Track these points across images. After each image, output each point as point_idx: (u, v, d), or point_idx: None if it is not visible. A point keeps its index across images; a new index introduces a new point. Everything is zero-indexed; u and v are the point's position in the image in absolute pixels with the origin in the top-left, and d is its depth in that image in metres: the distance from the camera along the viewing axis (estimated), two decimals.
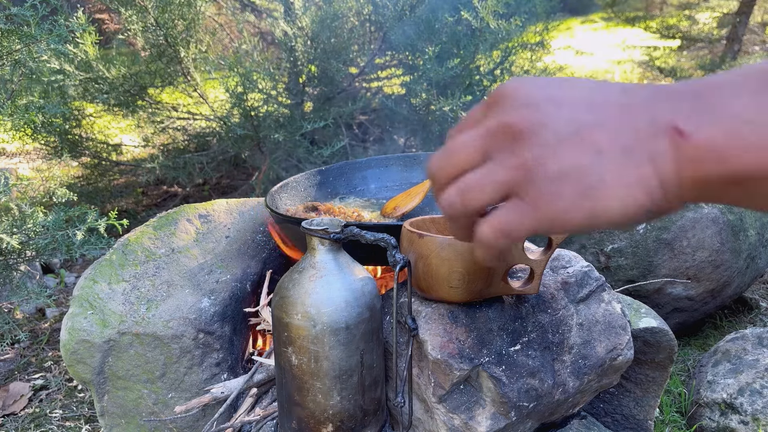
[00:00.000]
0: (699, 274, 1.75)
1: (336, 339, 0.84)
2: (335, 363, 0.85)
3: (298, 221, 1.13)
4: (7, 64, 1.65)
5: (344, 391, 0.87)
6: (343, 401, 0.87)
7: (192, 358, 1.20)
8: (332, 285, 0.85)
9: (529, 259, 0.92)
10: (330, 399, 0.87)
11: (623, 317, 1.06)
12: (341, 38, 2.51)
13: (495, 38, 2.58)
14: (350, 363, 0.86)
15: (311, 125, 2.42)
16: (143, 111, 2.69)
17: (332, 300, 0.84)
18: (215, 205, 1.46)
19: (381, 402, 0.95)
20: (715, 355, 1.60)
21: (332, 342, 0.84)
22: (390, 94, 3.15)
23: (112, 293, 1.23)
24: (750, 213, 1.84)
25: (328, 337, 0.84)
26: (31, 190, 1.96)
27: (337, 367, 0.85)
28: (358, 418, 0.90)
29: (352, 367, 0.86)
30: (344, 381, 0.86)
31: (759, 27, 7.68)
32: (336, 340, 0.84)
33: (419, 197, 1.33)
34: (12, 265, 1.80)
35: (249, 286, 1.31)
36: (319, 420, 0.88)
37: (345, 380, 0.86)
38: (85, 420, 1.67)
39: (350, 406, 0.88)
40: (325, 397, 0.87)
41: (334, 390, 0.86)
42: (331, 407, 0.87)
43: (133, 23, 2.23)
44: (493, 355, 0.93)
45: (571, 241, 1.77)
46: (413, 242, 0.90)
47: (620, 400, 1.25)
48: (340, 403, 0.87)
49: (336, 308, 0.84)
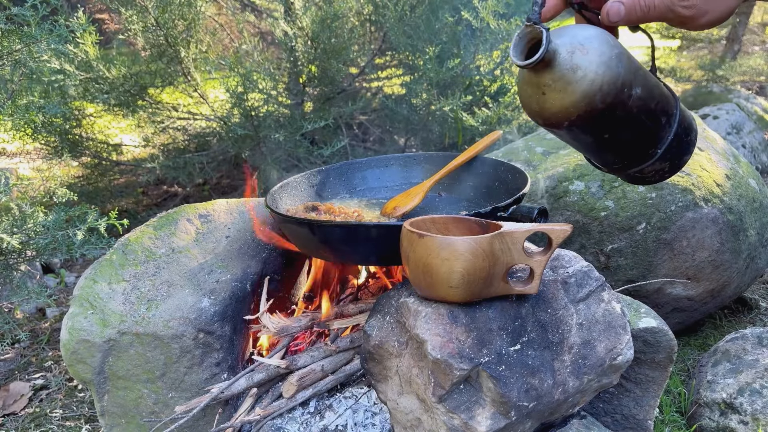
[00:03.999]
0: (699, 274, 1.75)
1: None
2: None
3: (298, 221, 1.13)
4: (8, 64, 1.65)
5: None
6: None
7: (192, 358, 1.20)
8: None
9: (528, 259, 0.92)
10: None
11: (623, 317, 1.07)
12: (341, 38, 2.51)
13: (495, 38, 2.58)
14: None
15: (311, 125, 2.42)
16: (143, 111, 2.69)
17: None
18: (215, 205, 1.46)
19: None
20: (714, 355, 1.60)
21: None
22: (390, 94, 3.15)
23: (112, 293, 1.24)
24: (750, 213, 1.84)
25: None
26: (31, 190, 1.96)
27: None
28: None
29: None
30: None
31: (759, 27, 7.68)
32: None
33: (419, 197, 1.33)
34: (12, 265, 1.80)
35: (249, 286, 1.31)
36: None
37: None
38: (85, 420, 1.67)
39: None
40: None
41: None
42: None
43: (133, 23, 2.23)
44: (493, 354, 0.93)
45: (571, 241, 1.77)
46: (413, 242, 0.90)
47: (620, 400, 1.26)
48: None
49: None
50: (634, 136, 0.78)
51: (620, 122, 0.75)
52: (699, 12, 0.69)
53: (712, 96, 4.26)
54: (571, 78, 0.71)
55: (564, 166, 1.81)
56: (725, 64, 5.82)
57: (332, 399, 1.24)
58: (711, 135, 2.01)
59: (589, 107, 0.72)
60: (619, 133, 0.77)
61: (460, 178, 1.46)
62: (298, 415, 1.21)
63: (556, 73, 0.72)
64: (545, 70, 0.72)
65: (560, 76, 0.71)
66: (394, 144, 3.12)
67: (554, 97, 0.73)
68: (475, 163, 1.45)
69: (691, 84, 5.64)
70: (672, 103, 0.81)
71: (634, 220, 1.70)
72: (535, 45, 0.71)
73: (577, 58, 0.71)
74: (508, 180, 1.34)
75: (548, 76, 0.72)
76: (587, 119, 0.73)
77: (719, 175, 1.82)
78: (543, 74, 0.72)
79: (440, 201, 1.43)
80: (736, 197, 1.79)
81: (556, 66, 0.71)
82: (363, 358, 1.09)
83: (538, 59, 0.69)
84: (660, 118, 0.79)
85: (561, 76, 0.71)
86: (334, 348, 1.27)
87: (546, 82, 0.73)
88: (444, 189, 1.46)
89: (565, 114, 0.73)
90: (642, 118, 0.76)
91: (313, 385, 1.23)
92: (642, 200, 1.70)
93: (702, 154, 1.87)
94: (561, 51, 0.71)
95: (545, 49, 0.69)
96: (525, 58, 0.72)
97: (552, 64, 0.71)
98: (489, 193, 1.40)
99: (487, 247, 0.88)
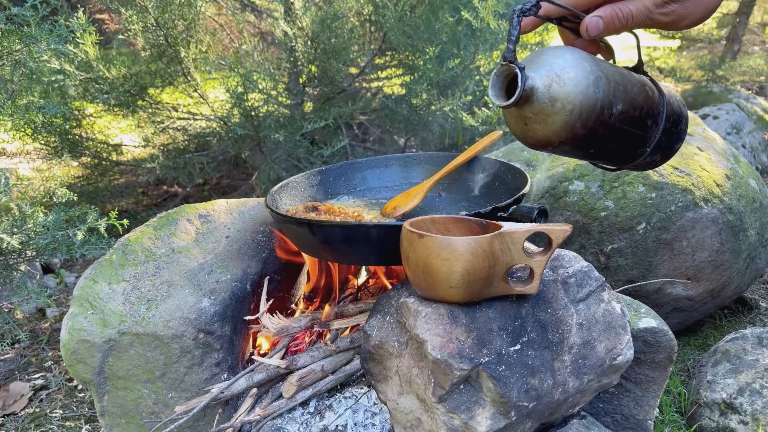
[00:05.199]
0: (699, 275, 1.75)
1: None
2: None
3: (298, 221, 1.13)
4: (8, 64, 1.65)
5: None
6: None
7: (192, 358, 1.20)
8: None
9: (528, 259, 0.92)
10: None
11: (623, 317, 1.07)
12: (341, 38, 2.51)
13: (495, 38, 2.58)
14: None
15: (311, 125, 2.42)
16: (143, 111, 2.69)
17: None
18: (215, 205, 1.46)
19: None
20: (714, 355, 1.60)
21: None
22: (390, 94, 3.15)
23: (112, 293, 1.24)
24: (750, 213, 1.84)
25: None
26: (31, 190, 1.96)
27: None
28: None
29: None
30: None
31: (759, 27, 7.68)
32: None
33: (419, 197, 1.33)
34: (12, 265, 1.80)
35: (249, 286, 1.31)
36: None
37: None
38: (85, 420, 1.67)
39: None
40: None
41: None
42: None
43: (133, 23, 2.23)
44: (493, 355, 0.93)
45: (571, 241, 1.77)
46: (413, 242, 0.90)
47: (620, 400, 1.26)
48: None
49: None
50: (620, 145, 0.81)
51: (604, 139, 0.77)
52: (678, 17, 0.71)
53: (712, 96, 4.26)
54: (550, 110, 0.73)
55: (564, 166, 1.81)
56: (725, 64, 5.82)
57: (332, 399, 1.24)
58: (711, 135, 2.01)
59: (571, 134, 0.74)
60: (605, 147, 0.80)
61: (460, 178, 1.46)
62: (298, 415, 1.21)
63: (535, 107, 0.74)
64: (525, 105, 0.74)
65: (540, 110, 0.73)
66: (394, 144, 3.12)
67: (536, 127, 0.75)
68: (475, 163, 1.45)
69: (691, 84, 5.64)
70: (658, 103, 0.82)
71: (634, 220, 1.70)
72: (513, 79, 0.73)
73: (554, 91, 0.72)
74: (508, 180, 1.34)
75: (528, 109, 0.74)
76: (571, 143, 0.76)
77: (719, 175, 1.82)
78: (523, 108, 0.74)
79: (440, 201, 1.43)
80: (736, 197, 1.79)
81: (535, 101, 0.73)
82: (363, 358, 1.09)
83: (516, 100, 0.71)
84: (646, 122, 0.81)
85: (540, 109, 0.73)
86: (334, 348, 1.27)
87: (527, 114, 0.75)
88: (444, 189, 1.46)
89: (548, 141, 0.76)
90: (626, 129, 0.79)
91: (313, 385, 1.23)
92: (642, 200, 1.70)
93: (702, 154, 1.87)
94: (538, 85, 0.72)
95: (522, 90, 0.71)
96: (504, 93, 0.75)
97: (531, 99, 0.73)
98: (489, 193, 1.40)
99: (487, 247, 0.88)
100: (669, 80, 5.90)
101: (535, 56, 0.76)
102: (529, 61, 0.75)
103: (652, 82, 0.83)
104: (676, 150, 0.86)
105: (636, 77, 0.80)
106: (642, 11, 0.71)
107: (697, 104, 4.21)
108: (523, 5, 0.71)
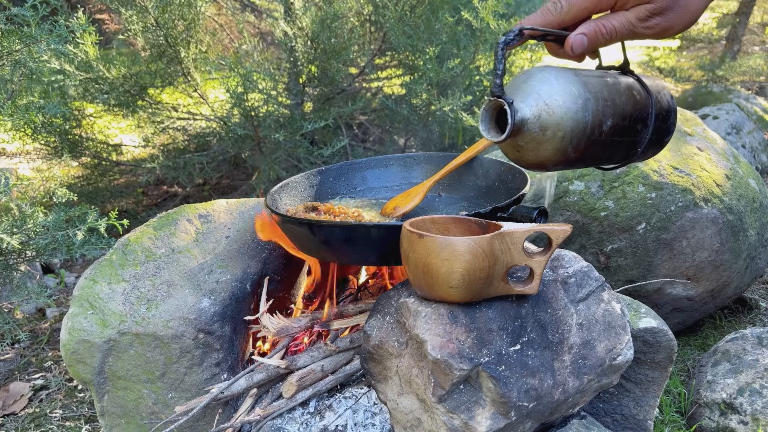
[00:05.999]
0: (699, 275, 1.75)
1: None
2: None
3: (298, 221, 1.13)
4: (8, 64, 1.65)
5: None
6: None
7: (192, 358, 1.20)
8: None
9: (528, 259, 0.92)
10: None
11: (623, 317, 1.07)
12: (341, 38, 2.51)
13: (495, 38, 2.58)
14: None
15: (311, 125, 2.42)
16: (143, 111, 2.69)
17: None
18: (215, 205, 1.46)
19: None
20: (714, 355, 1.60)
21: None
22: (390, 94, 3.15)
23: (112, 293, 1.24)
24: (750, 213, 1.84)
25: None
26: (31, 190, 1.96)
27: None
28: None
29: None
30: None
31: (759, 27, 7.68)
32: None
33: (419, 197, 1.33)
34: (12, 265, 1.80)
35: (249, 286, 1.31)
36: None
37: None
38: (85, 420, 1.67)
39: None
40: None
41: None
42: None
43: (133, 23, 2.23)
44: (493, 355, 0.93)
45: (571, 241, 1.77)
46: (413, 242, 0.90)
47: (620, 400, 1.26)
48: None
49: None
50: (612, 154, 0.83)
51: (596, 153, 0.79)
52: (662, 29, 0.71)
53: (712, 96, 4.26)
54: (541, 139, 0.74)
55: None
56: (725, 64, 5.82)
57: (332, 399, 1.24)
58: (711, 135, 2.01)
59: (564, 157, 0.76)
60: (598, 158, 0.82)
61: (460, 178, 1.46)
62: (298, 415, 1.21)
63: (526, 137, 0.75)
64: (517, 136, 0.75)
65: (531, 139, 0.75)
66: (394, 144, 3.12)
67: (529, 155, 0.77)
68: (475, 163, 1.45)
69: (691, 84, 5.64)
70: (646, 105, 0.83)
71: (634, 220, 1.70)
72: (503, 111, 0.74)
73: (544, 120, 0.73)
74: (508, 180, 1.34)
75: (520, 139, 0.75)
76: (564, 164, 0.78)
77: (719, 175, 1.82)
78: (515, 138, 0.75)
79: (440, 201, 1.43)
80: (736, 197, 1.79)
81: (526, 131, 0.74)
82: (363, 358, 1.09)
83: (508, 136, 0.73)
84: (636, 128, 0.83)
85: (532, 138, 0.75)
86: (334, 348, 1.27)
87: (518, 144, 0.76)
88: (444, 189, 1.46)
89: (542, 165, 0.78)
90: (617, 140, 0.80)
91: (313, 385, 1.23)
92: (642, 200, 1.70)
93: (702, 154, 1.87)
94: (528, 116, 0.74)
95: (512, 126, 0.73)
96: (495, 124, 0.76)
97: (522, 130, 0.74)
98: (489, 193, 1.39)
99: (487, 247, 0.88)
100: (669, 80, 5.91)
101: (521, 82, 0.77)
102: (515, 88, 0.76)
103: (639, 81, 0.84)
104: (666, 142, 0.88)
105: (623, 83, 0.81)
106: (625, 26, 0.72)
107: (697, 104, 4.21)
108: (506, 37, 0.72)
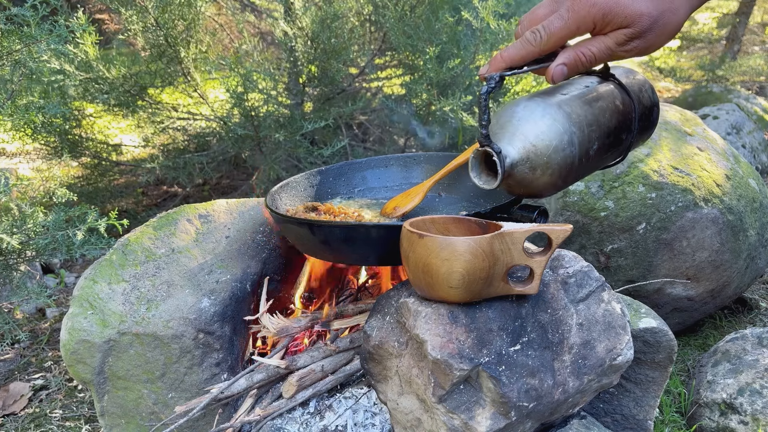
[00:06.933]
0: (699, 275, 1.75)
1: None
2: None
3: (298, 221, 1.13)
4: (8, 64, 1.65)
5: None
6: None
7: (192, 358, 1.20)
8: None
9: (528, 259, 0.92)
10: None
11: (623, 317, 1.07)
12: (341, 38, 2.51)
13: (495, 38, 2.58)
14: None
15: (311, 125, 2.42)
16: (143, 111, 2.68)
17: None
18: (215, 205, 1.46)
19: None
20: (714, 355, 1.60)
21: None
22: (390, 94, 3.15)
23: (112, 293, 1.23)
24: (750, 213, 1.84)
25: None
26: (31, 190, 1.96)
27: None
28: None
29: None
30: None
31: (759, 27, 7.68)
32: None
33: (419, 197, 1.33)
34: (12, 265, 1.80)
35: (249, 286, 1.31)
36: None
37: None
38: (85, 420, 1.67)
39: None
40: None
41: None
42: None
43: (133, 23, 2.23)
44: (493, 355, 0.93)
45: (571, 241, 1.77)
46: (413, 242, 0.90)
47: (620, 400, 1.25)
48: None
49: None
50: (600, 164, 0.86)
51: (586, 172, 0.83)
52: (641, 50, 0.73)
53: (712, 96, 4.26)
54: (531, 177, 0.77)
55: None
56: (725, 64, 5.82)
57: (332, 399, 1.23)
58: (711, 135, 2.01)
59: (554, 188, 0.80)
60: (588, 174, 0.86)
61: (460, 178, 1.46)
62: (298, 415, 1.21)
63: (517, 177, 0.78)
64: (508, 178, 0.78)
65: (521, 178, 0.77)
66: (394, 144, 3.12)
67: (521, 190, 0.81)
68: None
69: (691, 84, 5.64)
70: (629, 110, 0.86)
71: (634, 220, 1.70)
72: (491, 156, 0.77)
73: (533, 161, 0.76)
74: None
75: (511, 179, 0.78)
76: (556, 191, 0.82)
77: (719, 175, 1.82)
78: (507, 179, 0.78)
79: (440, 201, 1.43)
80: (736, 197, 1.79)
81: (516, 173, 0.77)
82: (363, 358, 1.09)
83: (499, 184, 0.76)
84: (621, 137, 0.86)
85: (522, 178, 0.77)
86: (334, 348, 1.27)
87: (510, 183, 0.79)
88: (444, 189, 1.46)
89: (535, 196, 0.82)
90: (605, 155, 0.84)
91: (313, 385, 1.23)
92: (642, 200, 1.70)
93: (702, 154, 1.87)
94: (516, 159, 0.76)
95: (502, 175, 0.75)
96: (485, 168, 0.79)
97: (512, 172, 0.77)
98: (489, 193, 1.39)
99: (487, 247, 0.87)
100: (669, 80, 5.91)
101: (505, 121, 0.78)
102: (500, 127, 0.78)
103: (620, 85, 0.85)
104: (651, 132, 0.92)
105: (605, 96, 0.84)
106: (604, 51, 0.73)
107: (697, 104, 4.21)
108: (487, 85, 0.74)
